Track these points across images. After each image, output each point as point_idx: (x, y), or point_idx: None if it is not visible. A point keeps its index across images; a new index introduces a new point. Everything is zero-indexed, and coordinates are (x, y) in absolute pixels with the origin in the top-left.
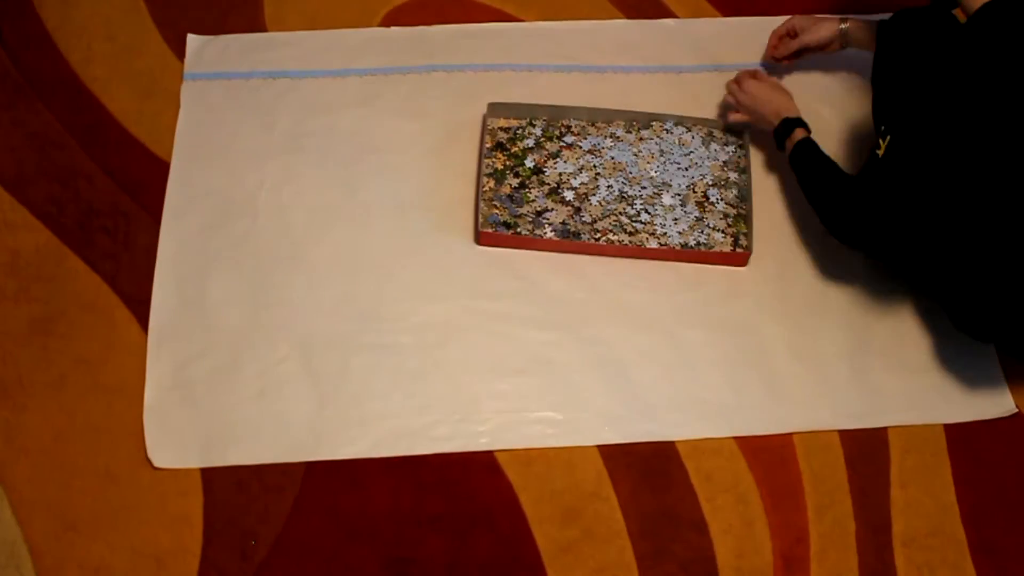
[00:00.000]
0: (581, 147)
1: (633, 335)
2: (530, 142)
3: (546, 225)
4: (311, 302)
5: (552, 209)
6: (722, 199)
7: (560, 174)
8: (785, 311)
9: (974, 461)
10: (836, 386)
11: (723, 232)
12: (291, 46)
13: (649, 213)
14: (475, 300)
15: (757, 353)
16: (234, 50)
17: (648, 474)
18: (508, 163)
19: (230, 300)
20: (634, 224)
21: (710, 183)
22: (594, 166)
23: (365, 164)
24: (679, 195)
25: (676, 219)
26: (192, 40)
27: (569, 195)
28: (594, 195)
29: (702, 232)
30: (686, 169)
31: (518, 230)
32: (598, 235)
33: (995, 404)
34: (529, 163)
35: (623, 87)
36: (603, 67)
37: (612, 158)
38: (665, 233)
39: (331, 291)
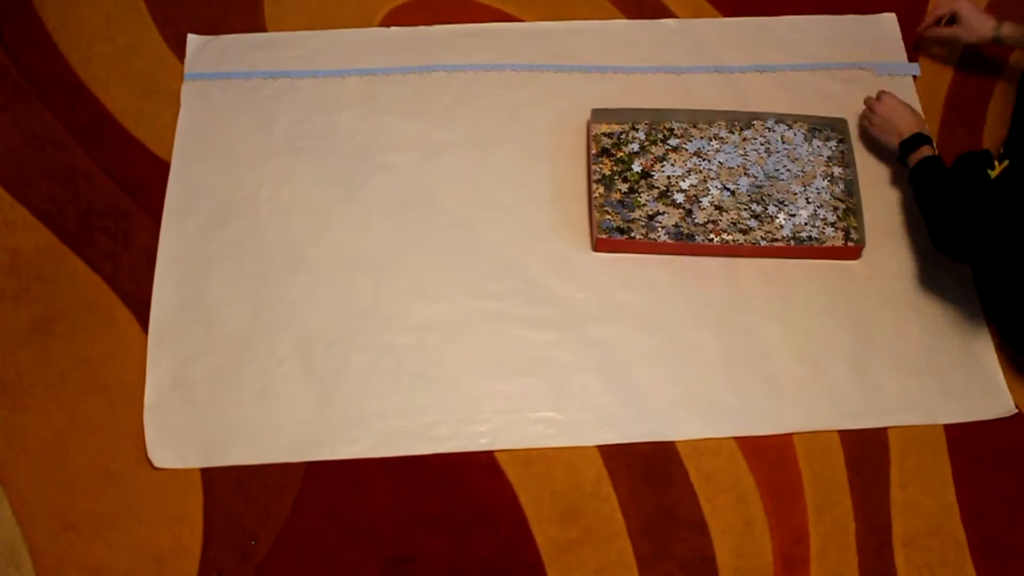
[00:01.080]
0: (687, 149)
1: (633, 335)
2: (635, 147)
3: (659, 228)
4: (311, 302)
5: (664, 212)
6: (830, 194)
7: (669, 177)
8: (785, 311)
9: (974, 461)
10: (836, 386)
11: (834, 227)
12: (291, 46)
13: (760, 211)
14: (475, 300)
15: (757, 353)
16: (234, 50)
17: (648, 474)
18: (615, 168)
19: (230, 300)
20: (747, 223)
21: (817, 179)
22: (702, 168)
23: (365, 164)
24: (788, 192)
25: (787, 216)
26: (192, 40)
27: (679, 198)
28: (704, 196)
29: (813, 227)
30: (792, 166)
31: (632, 235)
32: (712, 236)
33: (995, 404)
34: (636, 167)
35: (623, 87)
36: (603, 67)
37: (719, 160)
38: (779, 229)
39: (331, 291)
